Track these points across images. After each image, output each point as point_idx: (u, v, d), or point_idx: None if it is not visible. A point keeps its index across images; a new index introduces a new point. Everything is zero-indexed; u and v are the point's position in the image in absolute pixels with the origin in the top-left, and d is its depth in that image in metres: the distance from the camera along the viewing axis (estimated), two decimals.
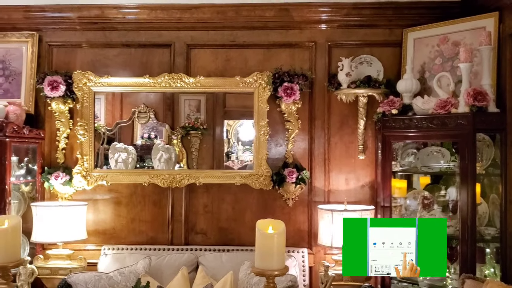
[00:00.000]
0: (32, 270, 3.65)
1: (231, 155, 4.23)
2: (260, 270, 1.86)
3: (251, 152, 4.14)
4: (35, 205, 3.77)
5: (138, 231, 4.04)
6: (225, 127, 4.22)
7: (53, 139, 4.06)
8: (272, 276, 1.85)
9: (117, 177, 4.01)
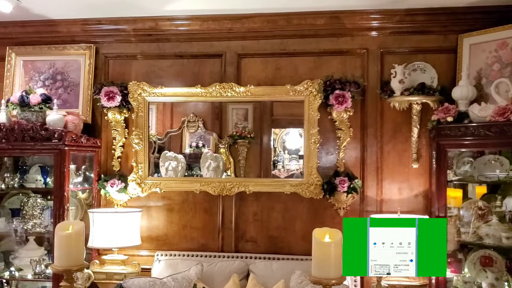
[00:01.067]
0: (88, 275, 3.79)
1: (277, 164, 4.23)
2: (317, 278, 1.84)
3: (297, 161, 4.14)
4: (92, 211, 3.90)
5: (190, 238, 4.10)
6: (272, 136, 4.22)
7: (109, 148, 4.20)
8: (329, 285, 1.83)
9: (170, 185, 4.09)
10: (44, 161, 4.10)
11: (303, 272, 3.38)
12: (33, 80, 4.25)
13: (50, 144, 3.74)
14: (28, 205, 3.98)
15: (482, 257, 3.46)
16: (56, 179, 3.79)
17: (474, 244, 3.47)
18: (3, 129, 3.74)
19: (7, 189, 4.07)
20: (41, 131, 3.72)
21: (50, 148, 3.76)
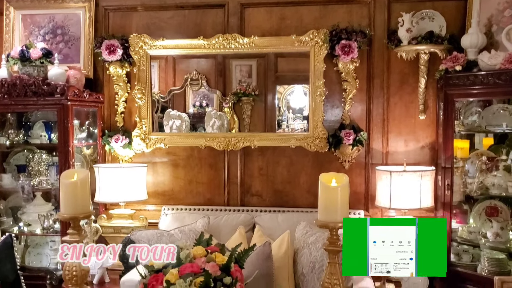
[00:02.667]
0: (96, 229, 3.82)
1: (282, 123, 4.19)
2: (324, 222, 1.84)
3: (302, 121, 4.10)
4: (97, 166, 3.90)
5: (196, 193, 4.12)
6: (276, 94, 4.16)
7: (112, 103, 4.16)
8: (336, 228, 1.83)
9: (174, 140, 4.07)
10: (47, 116, 4.08)
11: (308, 223, 3.40)
12: (32, 34, 4.17)
13: (53, 99, 3.71)
14: (34, 161, 3.98)
15: (487, 208, 3.47)
16: (60, 134, 3.78)
17: (480, 195, 3.46)
18: (5, 85, 3.70)
19: (12, 146, 4.07)
20: (43, 86, 3.68)
21: (53, 103, 3.73)
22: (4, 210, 3.98)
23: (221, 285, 1.88)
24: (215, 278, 1.91)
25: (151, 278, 1.97)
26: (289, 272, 3.19)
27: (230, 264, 1.99)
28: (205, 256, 2.03)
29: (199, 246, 2.10)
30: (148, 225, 3.89)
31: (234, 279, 1.94)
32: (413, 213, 3.57)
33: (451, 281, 3.35)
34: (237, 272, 1.97)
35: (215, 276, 1.91)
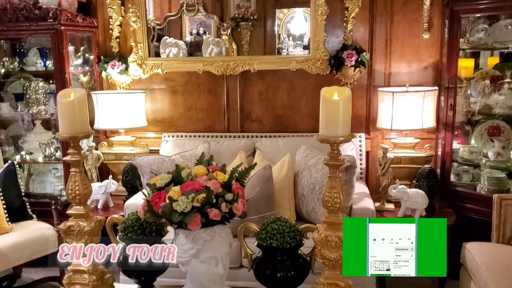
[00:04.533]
0: (98, 156, 3.84)
1: (282, 51, 4.07)
2: (325, 137, 1.81)
3: (302, 49, 3.98)
4: (95, 93, 3.85)
5: (195, 120, 4.09)
6: (276, 20, 4.00)
7: (107, 28, 4.04)
8: (337, 142, 1.80)
9: (171, 65, 3.99)
10: (42, 43, 3.98)
11: (309, 147, 3.40)
12: None
13: (45, 24, 3.61)
14: (31, 89, 3.92)
15: (490, 127, 3.45)
16: (56, 61, 3.71)
17: (483, 114, 3.43)
18: None
19: (8, 74, 4.00)
20: (34, 10, 3.57)
21: (46, 28, 3.64)
22: (5, 139, 3.98)
23: (223, 201, 1.89)
24: (217, 194, 1.91)
25: (154, 195, 1.98)
26: (290, 193, 3.23)
27: (231, 181, 1.99)
28: (207, 174, 2.02)
29: (200, 165, 2.09)
30: (149, 152, 3.91)
31: (235, 195, 1.95)
32: (415, 134, 3.57)
33: (451, 200, 3.41)
34: (238, 189, 1.98)
35: (217, 193, 1.91)
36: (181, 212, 1.84)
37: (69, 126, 2.00)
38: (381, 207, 3.39)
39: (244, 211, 2.00)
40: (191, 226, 1.86)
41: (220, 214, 1.88)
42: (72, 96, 2.01)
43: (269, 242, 2.01)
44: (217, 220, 1.88)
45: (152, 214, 1.92)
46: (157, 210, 1.92)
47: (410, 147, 3.53)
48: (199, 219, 1.87)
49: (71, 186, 2.02)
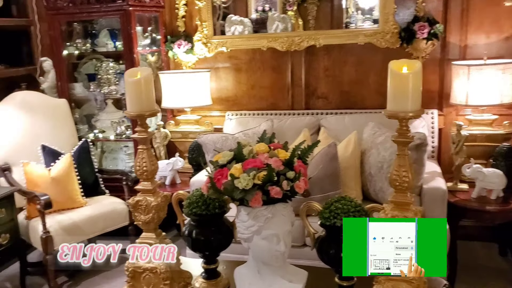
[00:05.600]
0: (165, 134, 3.94)
1: (350, 26, 3.92)
2: (393, 112, 1.71)
3: (371, 22, 3.80)
4: (162, 72, 3.93)
5: (259, 97, 4.07)
6: None
7: (173, 7, 4.08)
8: (406, 118, 1.70)
9: (236, 43, 3.98)
10: (111, 24, 4.10)
11: (377, 124, 3.27)
12: None
13: (115, 5, 3.72)
14: (102, 69, 4.06)
15: None
16: (125, 41, 3.81)
17: None
18: None
19: (81, 55, 4.17)
20: None
21: (115, 9, 3.75)
22: (80, 118, 4.17)
23: (284, 179, 1.85)
24: (278, 172, 1.88)
25: (216, 172, 1.98)
26: (356, 172, 3.13)
27: (293, 159, 1.94)
28: (268, 152, 1.99)
29: (261, 143, 2.06)
30: (214, 130, 3.95)
31: (297, 173, 1.90)
32: (492, 110, 3.32)
33: None
34: (300, 167, 1.93)
35: (278, 171, 1.88)
36: (243, 189, 1.83)
37: (136, 105, 2.04)
38: (454, 187, 3.21)
39: (307, 190, 1.96)
40: (252, 204, 1.85)
41: (281, 192, 1.84)
42: (139, 75, 2.04)
43: (333, 221, 1.95)
44: (279, 198, 1.85)
45: (215, 191, 1.92)
46: (219, 187, 1.92)
47: (487, 124, 3.30)
48: (260, 197, 1.84)
49: (139, 163, 2.07)
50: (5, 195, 3.05)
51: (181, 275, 2.16)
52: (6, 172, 3.33)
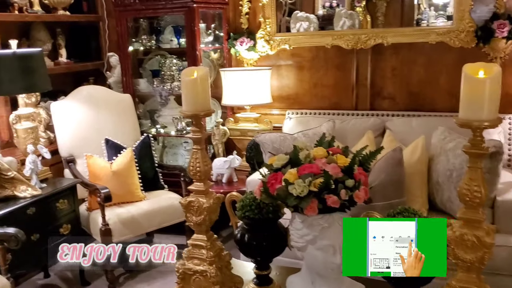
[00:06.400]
0: (224, 131, 3.92)
1: (421, 23, 3.70)
2: (466, 120, 1.54)
3: (445, 19, 3.57)
4: (223, 70, 3.91)
5: (321, 96, 3.95)
6: None
7: (237, 4, 4.05)
8: (480, 128, 1.53)
9: (299, 40, 3.88)
10: (176, 21, 4.13)
11: (447, 128, 3.05)
12: None
13: (179, 2, 3.74)
14: (166, 66, 4.10)
15: None
16: (188, 38, 3.82)
17: None
18: None
19: (147, 51, 4.24)
20: None
21: (180, 6, 3.77)
22: (143, 113, 4.25)
23: (343, 187, 1.74)
24: (336, 180, 1.77)
25: (270, 176, 1.90)
26: (422, 179, 2.94)
27: (353, 166, 1.82)
28: (326, 157, 1.88)
29: (319, 147, 1.96)
30: (273, 129, 3.87)
31: (357, 181, 1.78)
32: None
33: None
34: (360, 175, 1.80)
35: (336, 178, 1.77)
36: (297, 196, 1.74)
37: (191, 104, 2.00)
38: None
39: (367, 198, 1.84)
40: (307, 212, 1.75)
41: (338, 202, 1.73)
42: (195, 74, 2.00)
43: None
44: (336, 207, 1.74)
45: (267, 196, 1.85)
46: (273, 192, 1.84)
47: None
48: (316, 205, 1.74)
49: (193, 163, 2.04)
50: (68, 187, 3.15)
51: (231, 279, 2.11)
52: (70, 164, 3.44)
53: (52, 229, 3.01)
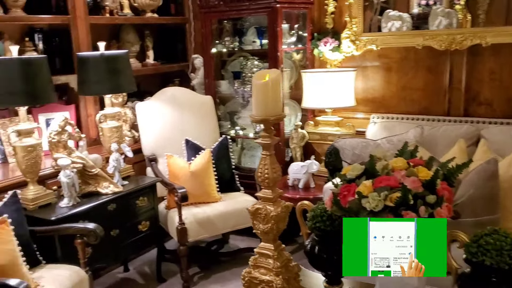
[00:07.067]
0: (303, 135, 3.81)
1: None
2: None
3: None
4: (304, 71, 3.81)
5: (409, 100, 3.70)
6: None
7: (322, 3, 3.92)
8: None
9: (387, 41, 3.68)
10: (259, 22, 4.09)
11: None
12: None
13: (263, 2, 3.70)
14: (247, 67, 4.09)
15: None
16: (270, 39, 3.76)
17: None
18: None
19: (230, 53, 4.25)
20: None
21: (263, 6, 3.72)
22: (223, 114, 4.27)
23: (422, 204, 1.57)
24: (416, 195, 1.60)
25: (342, 187, 1.78)
26: None
27: (435, 180, 1.64)
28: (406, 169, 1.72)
29: (399, 158, 1.80)
30: (356, 133, 3.70)
31: (439, 197, 1.60)
32: None
33: None
34: (444, 190, 1.62)
35: (416, 193, 1.61)
36: (371, 210, 1.60)
37: (262, 108, 1.95)
38: None
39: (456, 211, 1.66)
40: None
41: None
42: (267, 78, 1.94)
43: (481, 258, 1.62)
44: None
45: (338, 208, 1.73)
46: (344, 205, 1.71)
47: None
48: None
49: (261, 169, 1.98)
50: (148, 185, 3.23)
51: None
52: (152, 163, 3.53)
53: (131, 226, 3.10)
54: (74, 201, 2.80)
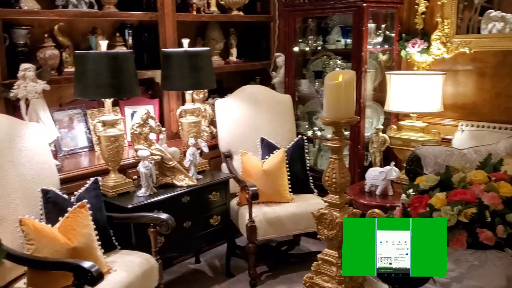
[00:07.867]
0: (384, 139, 3.65)
1: None
2: None
3: None
4: (389, 73, 3.65)
5: (504, 108, 3.41)
6: None
7: (412, 3, 3.75)
8: None
9: (482, 43, 3.43)
10: (345, 21, 3.99)
11: None
12: None
13: (349, 1, 3.60)
14: (329, 67, 3.99)
15: None
16: (354, 39, 3.65)
17: None
18: None
19: (313, 52, 4.19)
20: None
21: (348, 5, 3.63)
22: (302, 114, 4.21)
23: (501, 222, 1.43)
24: (494, 211, 1.47)
25: (414, 198, 1.68)
26: None
27: None
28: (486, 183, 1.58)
29: (479, 171, 1.66)
30: (441, 140, 3.48)
31: None
32: None
33: None
34: None
35: (494, 210, 1.47)
36: None
37: (333, 110, 1.89)
38: None
39: None
40: (452, 244, 1.51)
41: (494, 239, 1.44)
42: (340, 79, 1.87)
43: None
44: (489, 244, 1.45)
45: None
46: (414, 217, 1.61)
47: None
48: (464, 238, 1.48)
49: (329, 173, 1.92)
50: (221, 180, 3.28)
51: None
52: (227, 159, 3.58)
53: (203, 219, 3.16)
54: (151, 191, 2.91)
